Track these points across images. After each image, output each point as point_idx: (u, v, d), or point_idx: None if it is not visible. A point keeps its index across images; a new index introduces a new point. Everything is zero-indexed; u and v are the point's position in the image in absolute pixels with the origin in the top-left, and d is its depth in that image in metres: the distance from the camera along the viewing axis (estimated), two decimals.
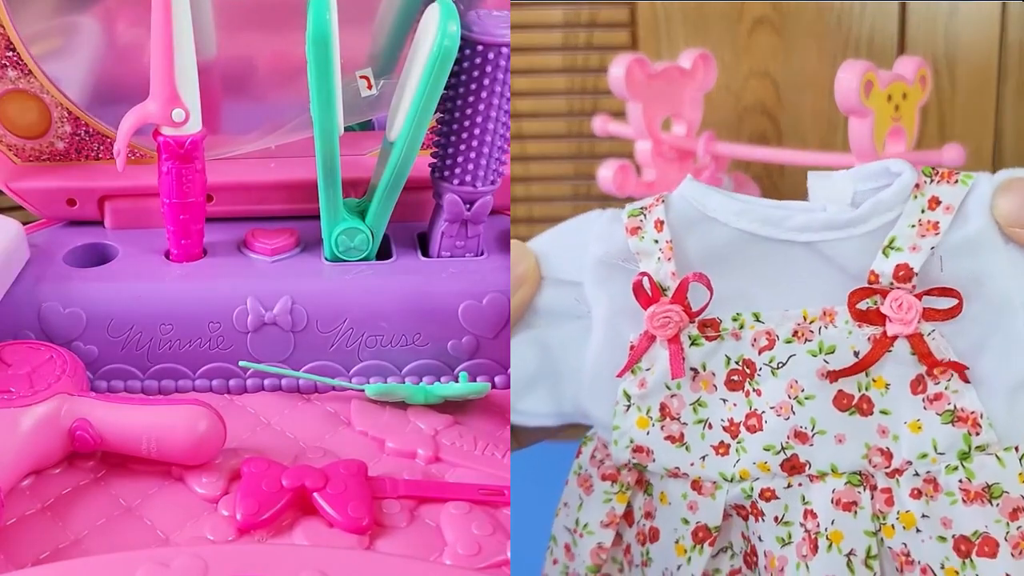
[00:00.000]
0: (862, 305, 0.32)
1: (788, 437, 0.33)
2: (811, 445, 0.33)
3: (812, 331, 0.33)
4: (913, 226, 0.32)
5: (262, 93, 0.63)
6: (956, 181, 0.32)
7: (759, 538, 0.33)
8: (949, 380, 0.32)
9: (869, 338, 0.32)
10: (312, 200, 0.59)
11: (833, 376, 0.33)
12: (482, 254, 0.62)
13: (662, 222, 0.34)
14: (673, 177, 0.66)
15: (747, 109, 0.76)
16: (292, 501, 0.49)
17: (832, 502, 0.32)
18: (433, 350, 0.59)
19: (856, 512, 0.32)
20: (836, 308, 0.33)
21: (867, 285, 0.32)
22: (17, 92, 0.61)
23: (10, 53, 0.59)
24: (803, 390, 0.33)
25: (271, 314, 0.58)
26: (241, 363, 0.58)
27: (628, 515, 0.36)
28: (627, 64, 0.63)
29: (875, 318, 0.32)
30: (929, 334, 0.32)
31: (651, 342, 0.33)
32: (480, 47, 0.55)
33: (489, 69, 0.55)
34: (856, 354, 0.33)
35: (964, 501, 0.32)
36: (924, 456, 0.32)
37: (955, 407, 0.32)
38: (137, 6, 0.59)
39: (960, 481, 0.32)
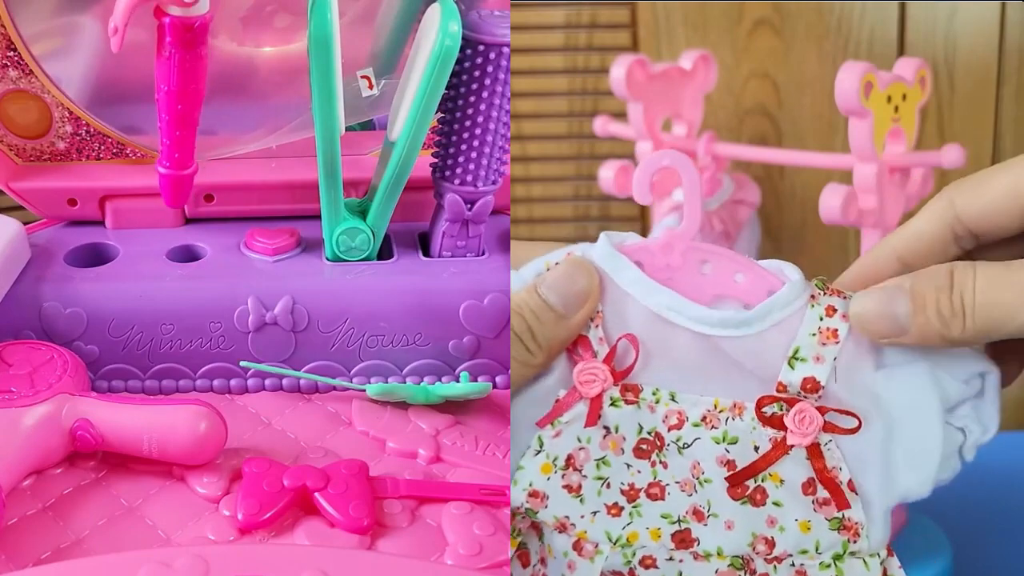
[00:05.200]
0: (767, 410, 0.34)
1: (687, 512, 0.34)
2: (705, 525, 0.34)
3: (719, 420, 0.34)
4: (814, 335, 0.33)
5: (263, 93, 0.63)
6: (845, 297, 0.34)
7: None
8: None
9: (771, 439, 0.34)
10: (313, 200, 0.59)
11: (733, 478, 0.34)
12: (483, 254, 0.62)
13: None
14: (674, 178, 0.66)
15: (747, 110, 0.76)
16: (293, 501, 0.49)
17: None
18: (434, 350, 0.59)
19: None
20: (746, 404, 0.34)
21: (775, 393, 0.33)
22: (18, 92, 0.61)
23: (11, 53, 0.59)
24: (703, 472, 0.34)
25: (272, 314, 0.58)
26: (242, 363, 0.58)
27: (523, 555, 0.36)
28: (628, 65, 0.63)
29: (778, 423, 0.34)
30: (826, 444, 0.34)
31: (576, 399, 0.34)
32: (481, 47, 0.55)
33: (490, 69, 0.55)
34: (756, 449, 0.34)
35: None
36: (804, 552, 0.34)
37: (843, 516, 0.34)
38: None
39: None
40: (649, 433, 0.34)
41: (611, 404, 0.34)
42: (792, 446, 0.33)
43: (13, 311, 0.57)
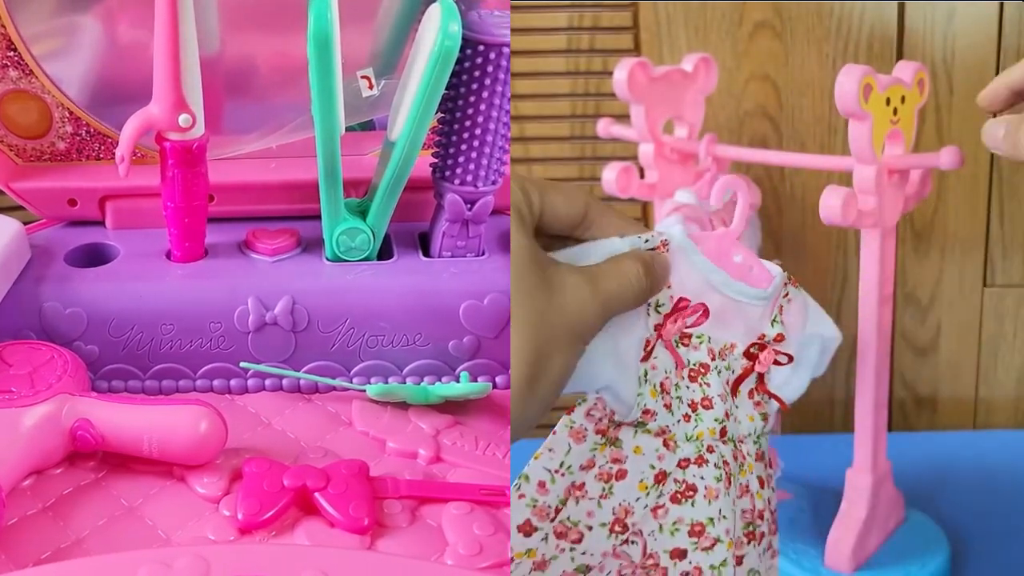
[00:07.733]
0: (751, 349, 0.49)
1: (724, 414, 0.48)
2: (733, 420, 0.49)
3: (727, 354, 0.48)
4: (782, 306, 0.49)
5: (263, 93, 0.63)
6: (797, 286, 0.50)
7: (701, 477, 0.47)
8: (764, 397, 0.50)
9: (742, 366, 0.49)
10: (313, 200, 0.59)
11: (731, 386, 0.49)
12: (483, 254, 0.62)
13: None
14: (675, 179, 0.66)
15: (748, 112, 0.76)
16: (293, 501, 0.49)
17: (751, 455, 0.49)
18: (434, 350, 0.59)
19: (744, 463, 0.49)
20: (736, 343, 0.48)
21: (757, 340, 0.49)
22: (18, 92, 0.61)
23: (11, 53, 0.59)
24: (725, 387, 0.49)
25: (272, 314, 0.58)
26: (242, 364, 0.58)
27: (590, 463, 0.46)
28: (630, 67, 0.63)
29: (753, 357, 0.49)
30: (768, 371, 0.49)
31: (657, 340, 0.46)
32: (481, 47, 0.55)
33: (490, 69, 0.55)
34: (733, 372, 0.49)
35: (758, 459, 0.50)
36: (750, 435, 0.49)
37: (766, 412, 0.49)
38: (138, 6, 0.60)
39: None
40: (695, 365, 0.47)
41: (676, 345, 0.47)
42: (754, 370, 0.49)
43: (13, 311, 0.57)
